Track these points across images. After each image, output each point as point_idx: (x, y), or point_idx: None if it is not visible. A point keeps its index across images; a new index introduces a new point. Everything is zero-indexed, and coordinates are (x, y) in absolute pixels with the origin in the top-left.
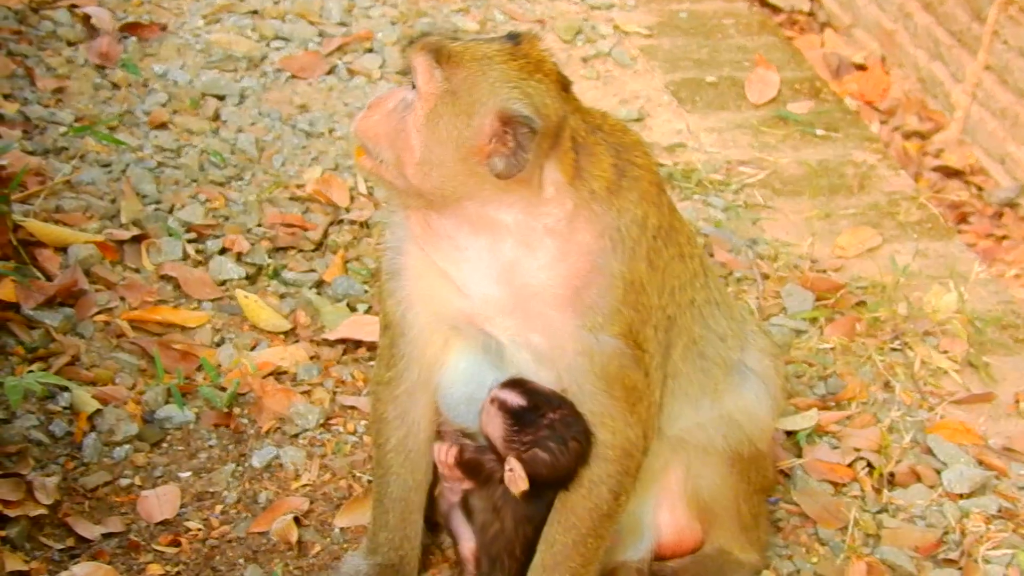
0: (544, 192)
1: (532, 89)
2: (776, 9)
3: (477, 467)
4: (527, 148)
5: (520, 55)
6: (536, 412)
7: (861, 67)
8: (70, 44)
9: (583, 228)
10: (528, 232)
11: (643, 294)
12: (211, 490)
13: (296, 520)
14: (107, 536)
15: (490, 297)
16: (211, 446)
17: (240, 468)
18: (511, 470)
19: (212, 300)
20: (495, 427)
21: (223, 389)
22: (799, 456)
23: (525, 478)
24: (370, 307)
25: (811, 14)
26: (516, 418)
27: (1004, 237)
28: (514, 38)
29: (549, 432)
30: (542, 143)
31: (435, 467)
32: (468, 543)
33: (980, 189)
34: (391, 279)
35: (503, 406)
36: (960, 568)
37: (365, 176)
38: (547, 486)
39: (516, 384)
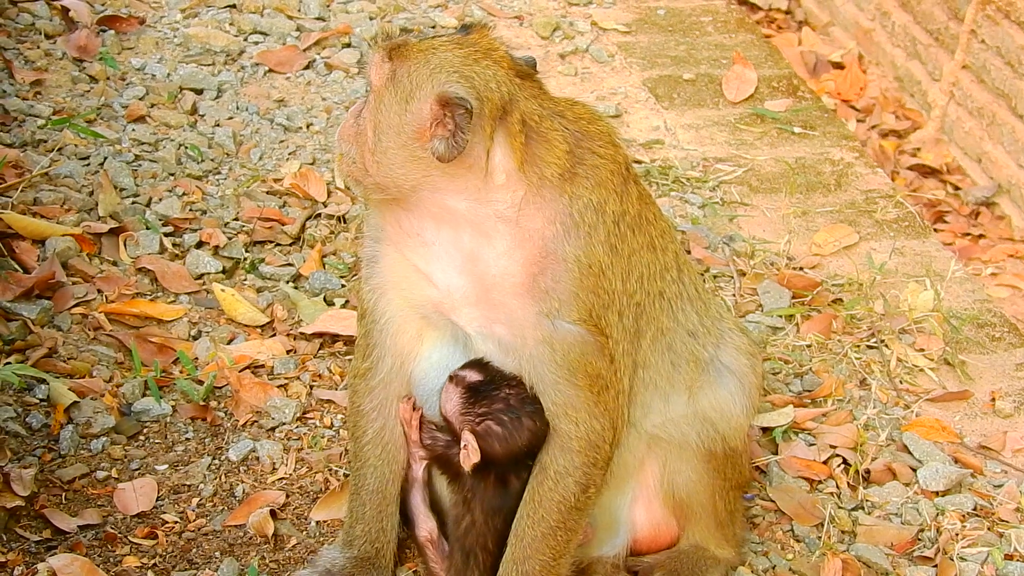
0: (494, 179)
1: (474, 73)
2: (754, 7)
3: (447, 462)
4: (465, 129)
5: (467, 43)
6: (491, 386)
7: (838, 65)
8: (48, 37)
9: (534, 214)
10: (482, 220)
11: (603, 278)
12: (188, 483)
13: (272, 513)
14: (84, 528)
15: (456, 288)
16: (188, 439)
17: (217, 461)
18: (465, 445)
19: (189, 293)
20: (452, 404)
21: (200, 382)
22: (775, 453)
23: (477, 450)
24: (347, 301)
25: (789, 12)
26: (471, 391)
27: (981, 236)
28: (466, 29)
29: (503, 405)
30: (486, 126)
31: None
32: (424, 528)
33: (957, 188)
34: (368, 265)
35: (460, 382)
36: (935, 566)
37: (344, 180)
38: (502, 466)
39: (475, 363)
